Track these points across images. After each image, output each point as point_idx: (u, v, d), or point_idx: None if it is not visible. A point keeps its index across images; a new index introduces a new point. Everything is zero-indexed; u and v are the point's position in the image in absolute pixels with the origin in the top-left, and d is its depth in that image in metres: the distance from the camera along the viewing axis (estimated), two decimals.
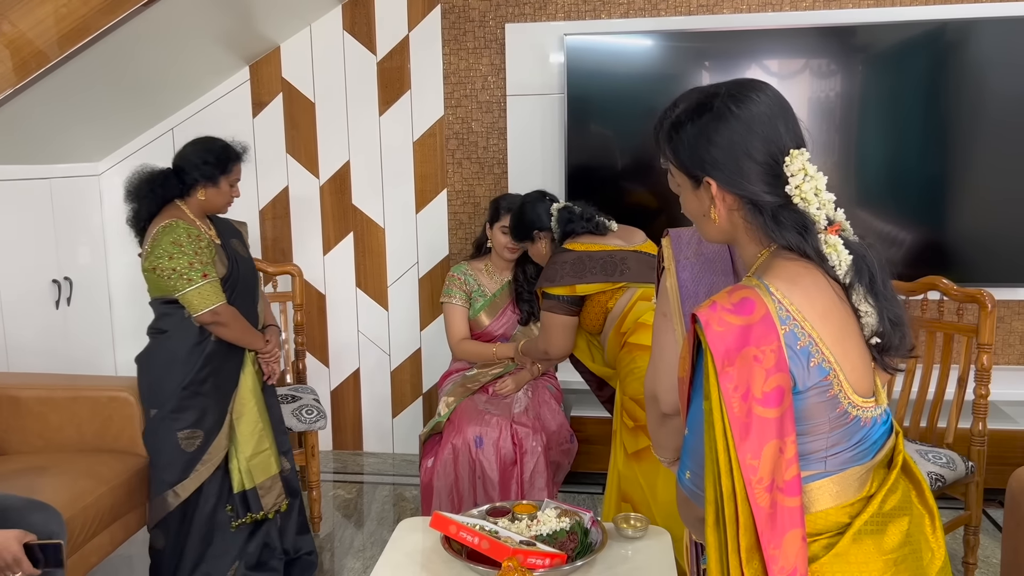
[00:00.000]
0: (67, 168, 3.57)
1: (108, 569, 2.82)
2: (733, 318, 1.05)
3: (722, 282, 1.35)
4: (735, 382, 1.04)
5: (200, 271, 2.39)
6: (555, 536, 1.93)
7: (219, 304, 2.43)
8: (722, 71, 3.31)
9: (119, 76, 3.17)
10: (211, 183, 2.50)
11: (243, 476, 2.55)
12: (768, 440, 1.04)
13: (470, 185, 3.68)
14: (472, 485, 2.67)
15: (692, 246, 1.38)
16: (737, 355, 1.04)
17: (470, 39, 3.58)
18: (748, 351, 1.04)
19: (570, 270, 2.33)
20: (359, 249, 3.78)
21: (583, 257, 2.36)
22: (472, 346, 2.95)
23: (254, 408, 2.57)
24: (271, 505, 2.59)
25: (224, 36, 3.42)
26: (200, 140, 2.58)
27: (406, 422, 3.89)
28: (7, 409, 2.70)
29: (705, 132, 1.15)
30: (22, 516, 2.04)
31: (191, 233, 2.42)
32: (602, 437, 3.32)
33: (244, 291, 2.58)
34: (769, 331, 1.05)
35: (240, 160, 2.59)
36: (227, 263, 2.53)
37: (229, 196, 2.57)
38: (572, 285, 2.34)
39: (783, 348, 1.05)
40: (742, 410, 1.03)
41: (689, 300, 1.35)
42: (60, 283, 3.47)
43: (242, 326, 2.52)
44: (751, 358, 1.04)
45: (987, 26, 3.19)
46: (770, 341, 1.04)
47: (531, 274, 2.96)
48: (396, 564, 1.95)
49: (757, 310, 1.06)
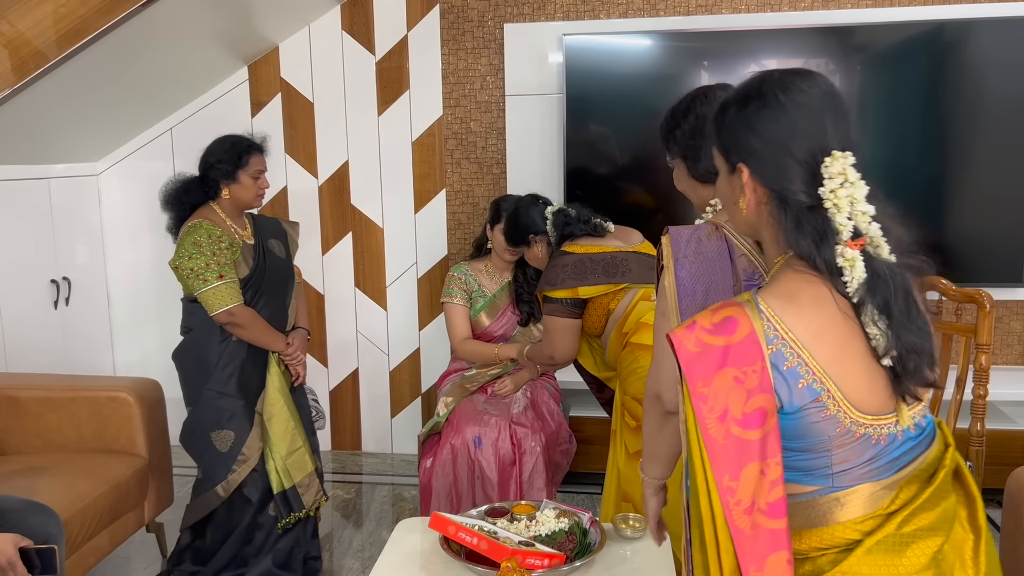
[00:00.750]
0: (65, 168, 3.57)
1: (107, 570, 2.82)
2: (712, 338, 1.03)
3: (721, 282, 1.34)
4: (710, 403, 1.02)
5: (216, 271, 2.41)
6: (554, 537, 1.93)
7: (234, 305, 2.44)
8: (721, 72, 3.31)
9: (117, 76, 3.17)
10: (231, 179, 2.51)
11: (281, 476, 2.56)
12: (748, 461, 1.01)
13: (469, 185, 3.68)
14: (471, 485, 2.67)
15: (692, 245, 1.37)
16: (714, 375, 1.02)
17: (469, 39, 3.58)
18: (727, 372, 1.02)
19: (571, 272, 2.32)
20: (358, 249, 3.78)
21: (584, 259, 2.35)
22: (475, 346, 2.95)
23: (284, 408, 2.57)
24: (311, 502, 2.61)
25: (223, 36, 3.42)
26: (216, 139, 2.58)
27: (405, 422, 3.89)
28: (5, 409, 2.70)
29: (748, 119, 1.11)
30: (21, 518, 2.04)
31: (212, 234, 2.44)
32: (601, 437, 3.32)
33: (271, 292, 2.58)
34: (753, 350, 1.02)
35: (253, 151, 2.55)
36: (252, 263, 2.54)
37: (254, 189, 2.54)
38: (574, 288, 2.32)
39: (767, 368, 1.02)
40: (718, 432, 1.01)
41: (687, 298, 1.34)
42: (59, 283, 3.47)
43: (261, 328, 2.52)
44: (731, 379, 1.02)
45: (985, 26, 3.19)
46: (753, 361, 1.02)
47: (531, 275, 2.96)
48: (395, 565, 1.95)
49: (740, 329, 1.03)
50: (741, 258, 1.35)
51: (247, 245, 2.56)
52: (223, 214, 2.54)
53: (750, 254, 1.35)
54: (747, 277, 1.35)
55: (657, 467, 1.50)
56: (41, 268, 3.40)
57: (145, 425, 2.70)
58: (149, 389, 2.77)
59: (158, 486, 2.78)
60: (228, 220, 2.54)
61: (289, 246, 2.71)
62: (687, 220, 3.45)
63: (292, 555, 2.64)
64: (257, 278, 2.55)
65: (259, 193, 2.56)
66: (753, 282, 1.35)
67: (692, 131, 1.44)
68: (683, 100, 1.50)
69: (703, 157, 1.44)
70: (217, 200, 2.54)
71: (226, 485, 2.53)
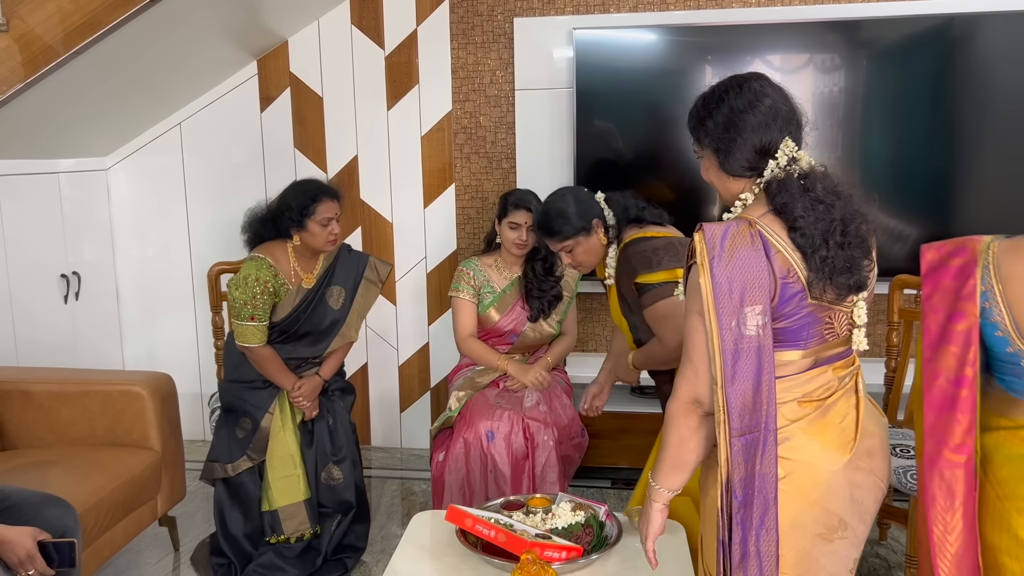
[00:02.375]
0: (75, 163, 3.58)
1: (120, 563, 2.83)
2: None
3: (757, 280, 1.31)
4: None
5: (249, 313, 2.58)
6: (571, 530, 1.93)
7: (255, 346, 2.61)
8: (728, 65, 3.30)
9: (127, 71, 3.17)
10: (299, 227, 2.60)
11: (270, 495, 2.63)
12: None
13: (478, 180, 3.68)
14: (484, 479, 2.67)
15: (727, 242, 1.34)
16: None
17: (478, 33, 3.57)
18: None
19: (665, 255, 2.11)
20: (367, 243, 3.78)
21: (672, 243, 2.16)
22: (478, 346, 2.93)
23: (286, 433, 2.65)
24: (292, 530, 2.63)
25: (232, 31, 3.41)
26: (292, 185, 2.68)
27: (414, 417, 3.89)
28: (18, 403, 2.70)
29: None
30: (37, 511, 2.04)
31: (261, 278, 2.56)
32: (613, 432, 3.33)
33: (307, 337, 2.71)
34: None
35: (322, 199, 2.60)
36: (293, 310, 2.65)
37: (323, 236, 2.60)
38: (673, 269, 2.10)
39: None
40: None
41: (724, 297, 1.32)
42: (68, 278, 3.47)
43: (274, 367, 2.65)
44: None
45: (993, 21, 3.18)
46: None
47: (540, 271, 2.94)
48: (412, 557, 1.96)
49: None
50: (777, 255, 1.34)
51: (302, 289, 2.67)
52: (292, 254, 2.66)
53: (785, 251, 1.34)
54: (781, 276, 1.34)
55: (679, 476, 1.47)
56: (51, 263, 3.40)
57: (158, 419, 2.70)
58: (162, 383, 2.77)
59: (171, 480, 2.78)
60: (294, 260, 2.66)
61: (357, 293, 2.76)
62: (701, 216, 3.46)
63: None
64: (292, 323, 2.67)
65: (329, 239, 2.62)
66: (788, 281, 1.34)
67: (726, 124, 1.42)
68: (716, 89, 1.47)
69: (736, 151, 1.42)
70: (290, 240, 2.66)
71: (232, 467, 2.65)
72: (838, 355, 1.46)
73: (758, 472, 1.35)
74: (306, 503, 2.64)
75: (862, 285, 1.40)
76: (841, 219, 1.37)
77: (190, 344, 3.92)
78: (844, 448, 1.42)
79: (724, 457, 1.36)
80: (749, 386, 1.33)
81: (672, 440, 1.45)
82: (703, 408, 1.39)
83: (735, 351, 1.33)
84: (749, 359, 1.33)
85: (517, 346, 2.96)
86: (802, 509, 1.40)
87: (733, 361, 1.33)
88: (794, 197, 1.36)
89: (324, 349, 2.74)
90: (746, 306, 1.32)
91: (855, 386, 1.49)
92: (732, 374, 1.33)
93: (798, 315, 1.37)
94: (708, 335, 1.34)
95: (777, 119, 1.43)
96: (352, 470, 2.75)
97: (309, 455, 2.68)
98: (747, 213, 1.42)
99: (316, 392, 2.72)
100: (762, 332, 1.33)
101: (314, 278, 2.70)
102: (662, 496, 1.50)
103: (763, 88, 1.45)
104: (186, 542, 2.97)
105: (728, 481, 1.36)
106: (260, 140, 3.76)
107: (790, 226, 1.35)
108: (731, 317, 1.32)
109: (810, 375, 1.42)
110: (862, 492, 1.45)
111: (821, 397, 1.43)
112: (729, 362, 1.33)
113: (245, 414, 2.68)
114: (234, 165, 3.79)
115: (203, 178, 3.82)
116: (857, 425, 1.45)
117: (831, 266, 1.34)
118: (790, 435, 1.39)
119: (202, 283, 3.85)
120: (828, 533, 1.42)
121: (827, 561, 1.43)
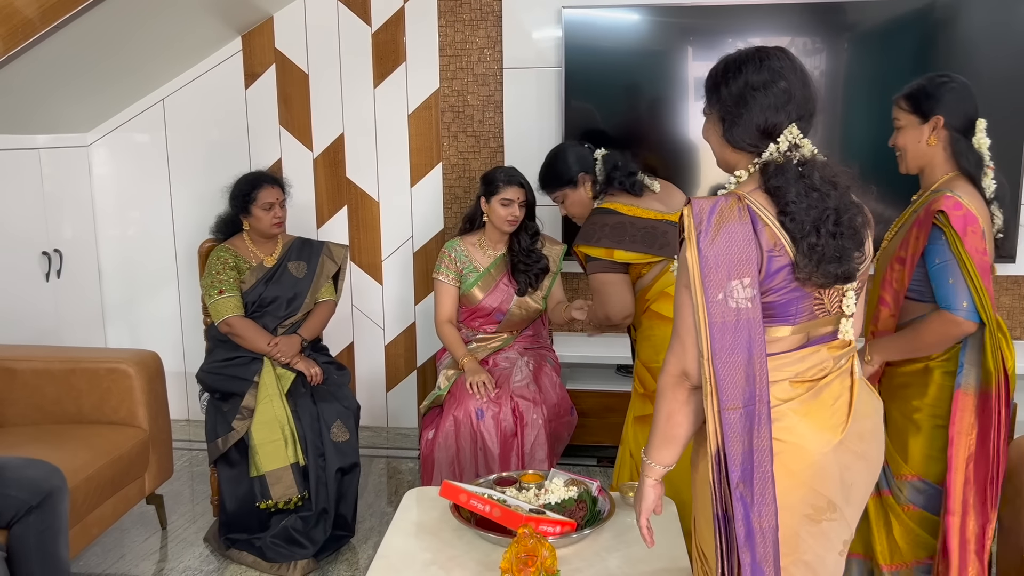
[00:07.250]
0: (55, 139, 3.52)
1: (108, 541, 2.82)
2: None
3: (744, 254, 1.33)
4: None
5: (216, 288, 2.77)
6: (564, 505, 1.96)
7: (230, 316, 2.75)
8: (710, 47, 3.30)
9: (109, 46, 3.12)
10: (246, 214, 2.83)
11: (256, 461, 2.65)
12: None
13: (465, 159, 3.67)
14: (473, 457, 2.69)
15: (714, 216, 1.35)
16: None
17: (466, 11, 3.55)
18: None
19: (609, 232, 2.26)
20: (353, 223, 3.77)
21: (625, 223, 2.30)
22: (451, 335, 2.92)
23: (272, 400, 2.69)
24: (280, 495, 2.65)
25: (216, 6, 3.36)
26: (237, 179, 2.88)
27: (400, 396, 3.90)
28: (2, 381, 2.67)
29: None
30: (20, 472, 2.05)
31: (221, 258, 2.80)
32: (599, 410, 3.36)
33: (275, 302, 2.85)
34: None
35: (261, 185, 2.81)
36: (257, 282, 2.83)
37: (267, 219, 2.82)
38: (610, 249, 2.27)
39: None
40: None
41: (710, 272, 1.34)
42: (50, 256, 3.43)
43: (252, 332, 2.78)
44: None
45: (975, 4, 3.20)
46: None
47: (525, 244, 2.94)
48: (406, 532, 1.98)
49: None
50: (765, 228, 1.35)
51: (263, 267, 2.86)
52: (248, 241, 2.88)
53: (773, 225, 1.36)
54: (768, 249, 1.35)
55: (671, 451, 1.47)
56: (32, 240, 3.35)
57: (146, 397, 2.69)
58: (149, 361, 2.75)
59: (159, 458, 2.78)
60: (251, 246, 2.88)
61: (317, 268, 2.93)
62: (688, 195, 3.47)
63: (302, 530, 2.67)
64: (258, 294, 2.82)
65: (274, 222, 2.83)
66: (774, 254, 1.36)
67: (737, 97, 1.42)
68: (738, 58, 1.44)
69: (740, 126, 1.43)
70: (246, 230, 2.88)
71: (222, 442, 2.69)
72: (831, 334, 1.47)
73: (755, 446, 1.36)
74: (293, 467, 2.65)
75: (850, 276, 1.41)
76: (835, 208, 1.38)
77: (174, 323, 3.89)
78: (835, 430, 1.43)
79: (712, 429, 1.37)
80: (741, 359, 1.34)
81: (661, 414, 1.45)
82: (691, 381, 1.40)
83: (722, 324, 1.34)
84: (740, 332, 1.34)
85: (504, 325, 2.97)
86: (791, 489, 1.39)
87: (721, 334, 1.34)
88: (789, 182, 1.37)
89: (295, 312, 2.86)
90: (733, 279, 1.33)
91: (851, 368, 1.51)
92: (720, 347, 1.34)
93: (785, 288, 1.38)
94: (694, 308, 1.36)
95: (788, 104, 1.43)
96: (354, 432, 2.80)
97: (306, 420, 2.69)
98: (738, 189, 1.43)
99: (294, 348, 2.81)
100: (751, 305, 1.34)
101: (274, 259, 2.89)
102: (655, 472, 1.49)
103: (782, 69, 1.44)
104: (173, 519, 2.97)
105: (719, 454, 1.37)
106: (245, 117, 3.72)
107: (780, 209, 1.37)
108: (717, 290, 1.33)
109: (802, 354, 1.43)
110: (852, 474, 1.46)
111: (815, 378, 1.44)
112: (717, 335, 1.34)
113: (229, 389, 2.73)
114: (218, 142, 3.75)
115: (187, 155, 3.77)
116: (850, 407, 1.45)
117: (820, 254, 1.35)
118: (781, 415, 1.40)
119: (185, 262, 3.82)
120: (816, 514, 1.42)
121: (814, 542, 1.43)
